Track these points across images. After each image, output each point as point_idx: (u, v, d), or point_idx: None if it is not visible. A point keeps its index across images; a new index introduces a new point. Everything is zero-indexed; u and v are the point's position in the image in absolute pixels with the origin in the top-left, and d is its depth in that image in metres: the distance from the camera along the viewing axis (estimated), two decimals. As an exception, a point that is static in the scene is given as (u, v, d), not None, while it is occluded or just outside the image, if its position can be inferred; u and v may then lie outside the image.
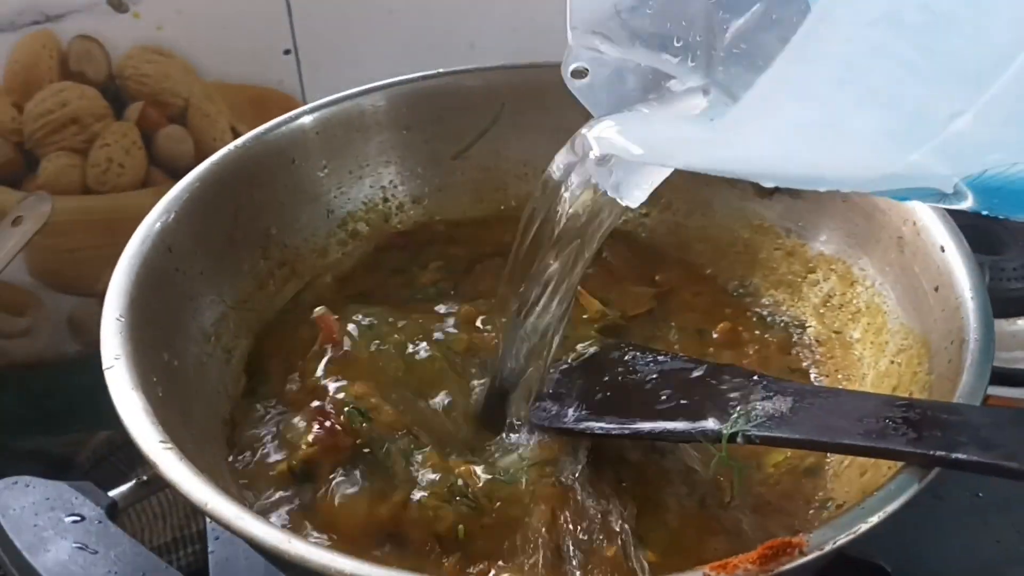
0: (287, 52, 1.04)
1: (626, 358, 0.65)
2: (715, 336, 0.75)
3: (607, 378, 0.64)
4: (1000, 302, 0.84)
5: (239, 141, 0.76)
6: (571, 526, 0.56)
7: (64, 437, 1.03)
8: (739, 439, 0.55)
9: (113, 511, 0.48)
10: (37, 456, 1.01)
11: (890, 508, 0.48)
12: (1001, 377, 0.82)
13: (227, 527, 0.48)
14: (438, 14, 1.06)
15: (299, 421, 0.64)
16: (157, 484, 0.52)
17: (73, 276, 1.09)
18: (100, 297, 1.09)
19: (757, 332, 0.76)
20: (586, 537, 0.56)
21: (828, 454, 0.62)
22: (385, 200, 0.84)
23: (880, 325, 0.70)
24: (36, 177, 1.03)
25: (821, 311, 0.75)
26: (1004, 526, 0.73)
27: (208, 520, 0.78)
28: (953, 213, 0.68)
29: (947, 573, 0.70)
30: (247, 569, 0.75)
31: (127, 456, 1.00)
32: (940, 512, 0.73)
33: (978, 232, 0.89)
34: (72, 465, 1.01)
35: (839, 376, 0.71)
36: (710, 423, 0.56)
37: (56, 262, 1.08)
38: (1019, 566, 0.71)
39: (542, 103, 0.85)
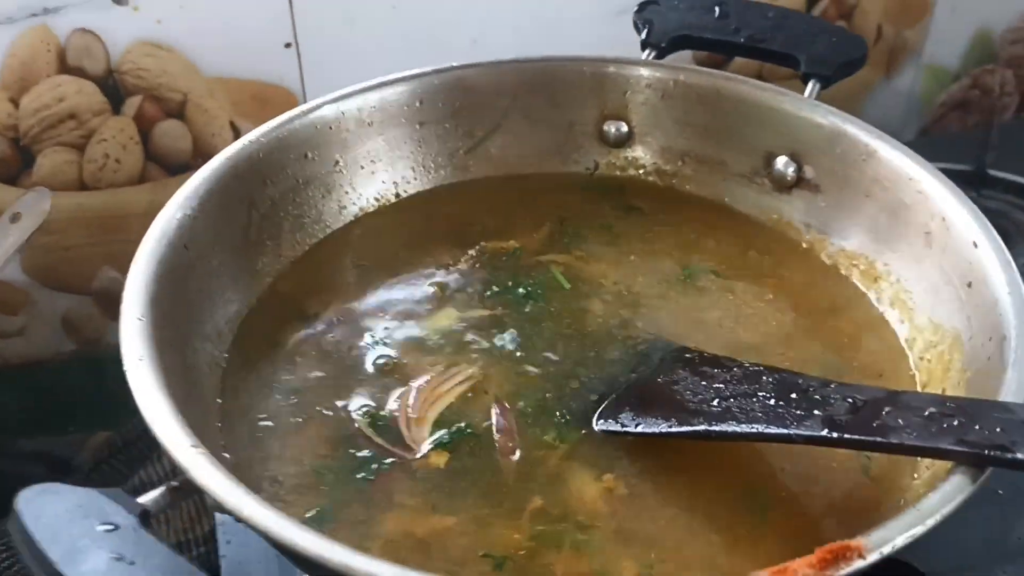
0: (288, 46, 1.02)
1: (698, 364, 0.64)
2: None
3: (683, 383, 0.63)
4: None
5: (253, 135, 0.74)
6: None
7: (63, 438, 1.02)
8: None
9: (146, 519, 0.47)
10: (38, 457, 0.99)
11: (946, 510, 0.48)
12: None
13: (265, 535, 0.46)
14: (440, 9, 1.05)
15: None
16: (188, 489, 0.50)
17: (68, 274, 1.07)
18: (95, 295, 1.08)
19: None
20: None
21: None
22: (397, 196, 0.82)
23: (906, 321, 0.70)
24: (32, 174, 1.01)
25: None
26: (1024, 522, 0.73)
27: (218, 523, 0.77)
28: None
29: (968, 568, 0.70)
30: (262, 572, 0.73)
31: (127, 458, 0.98)
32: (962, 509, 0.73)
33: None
34: (72, 467, 0.99)
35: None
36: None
37: (50, 260, 1.06)
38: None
39: (553, 97, 0.85)
